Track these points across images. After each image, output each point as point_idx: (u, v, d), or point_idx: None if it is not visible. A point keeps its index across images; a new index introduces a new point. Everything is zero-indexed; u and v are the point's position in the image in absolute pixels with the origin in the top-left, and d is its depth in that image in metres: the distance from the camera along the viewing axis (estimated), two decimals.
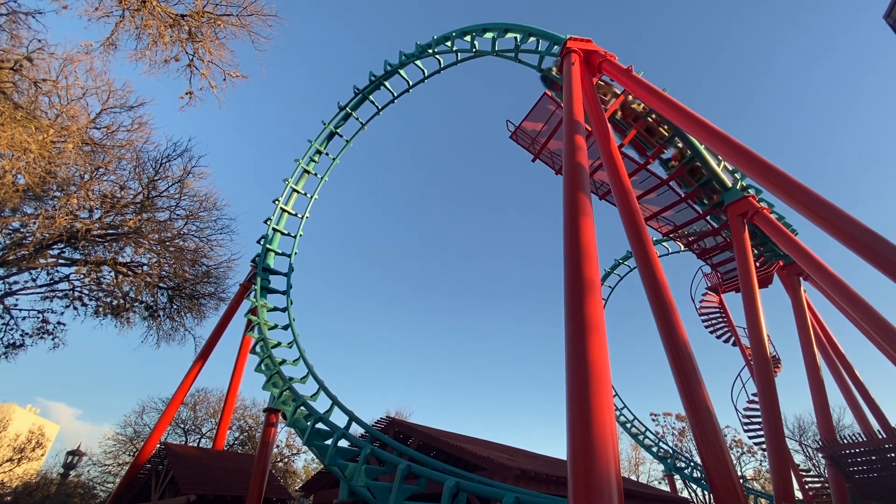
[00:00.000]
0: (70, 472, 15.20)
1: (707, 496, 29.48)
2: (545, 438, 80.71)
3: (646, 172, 14.20)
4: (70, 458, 14.81)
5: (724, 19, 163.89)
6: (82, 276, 18.65)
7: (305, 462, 39.98)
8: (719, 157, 12.66)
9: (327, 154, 21.56)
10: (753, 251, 12.95)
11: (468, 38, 16.19)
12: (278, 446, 36.02)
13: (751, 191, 12.52)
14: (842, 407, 24.06)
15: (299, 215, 20.52)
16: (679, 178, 13.54)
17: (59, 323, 18.96)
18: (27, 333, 18.43)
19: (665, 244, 23.97)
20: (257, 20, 11.56)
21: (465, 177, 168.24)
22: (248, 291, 18.30)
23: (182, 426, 33.71)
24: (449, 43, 16.77)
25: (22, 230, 16.76)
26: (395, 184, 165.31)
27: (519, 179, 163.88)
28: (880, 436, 9.56)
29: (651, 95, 10.07)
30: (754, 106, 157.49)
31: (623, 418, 28.21)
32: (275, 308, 17.09)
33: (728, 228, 13.29)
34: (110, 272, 19.16)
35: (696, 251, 16.57)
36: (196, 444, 32.27)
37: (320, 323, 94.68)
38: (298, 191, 20.61)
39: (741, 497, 5.63)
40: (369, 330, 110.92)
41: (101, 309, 19.24)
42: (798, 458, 23.12)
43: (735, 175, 12.88)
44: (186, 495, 13.41)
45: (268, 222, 19.21)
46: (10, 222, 16.37)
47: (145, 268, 19.59)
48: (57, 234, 16.27)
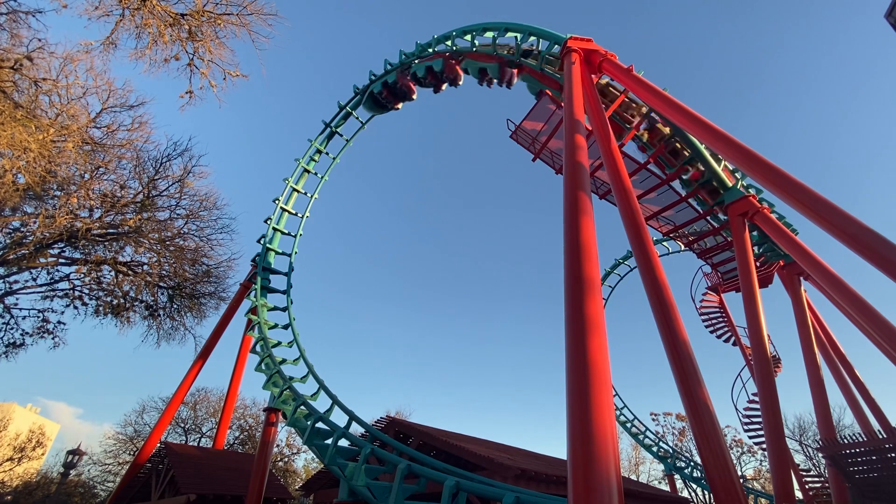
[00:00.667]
0: (70, 472, 15.24)
1: (707, 496, 29.43)
2: (545, 438, 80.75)
3: (646, 172, 14.19)
4: (70, 458, 14.86)
5: (725, 19, 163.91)
6: (82, 276, 18.67)
7: (305, 461, 40.01)
8: (720, 157, 12.65)
9: (327, 153, 21.59)
10: (754, 251, 12.94)
11: (468, 38, 16.14)
12: (278, 446, 36.04)
13: (751, 190, 12.50)
14: (842, 407, 24.00)
15: (299, 214, 20.55)
16: (689, 189, 13.39)
17: (60, 322, 19.02)
18: (27, 333, 18.48)
19: (665, 244, 23.93)
20: (257, 19, 11.57)
21: (466, 176, 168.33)
22: (249, 291, 18.29)
23: (182, 425, 33.75)
24: (449, 42, 16.73)
25: (22, 229, 16.77)
26: (395, 183, 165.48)
27: (519, 179, 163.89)
28: (880, 436, 9.53)
29: (651, 95, 10.05)
30: (755, 106, 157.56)
31: (623, 418, 28.18)
32: (275, 307, 17.09)
33: (728, 228, 13.26)
34: (110, 271, 19.18)
35: (697, 251, 16.55)
36: (196, 444, 32.29)
37: (320, 323, 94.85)
38: (299, 190, 20.62)
39: (741, 497, 5.61)
40: (369, 330, 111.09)
41: (102, 308, 19.25)
42: (798, 458, 23.05)
43: (735, 175, 12.87)
44: (186, 494, 13.41)
45: (268, 221, 19.22)
46: (11, 221, 16.38)
47: (145, 267, 19.60)
48: (57, 234, 16.28)
